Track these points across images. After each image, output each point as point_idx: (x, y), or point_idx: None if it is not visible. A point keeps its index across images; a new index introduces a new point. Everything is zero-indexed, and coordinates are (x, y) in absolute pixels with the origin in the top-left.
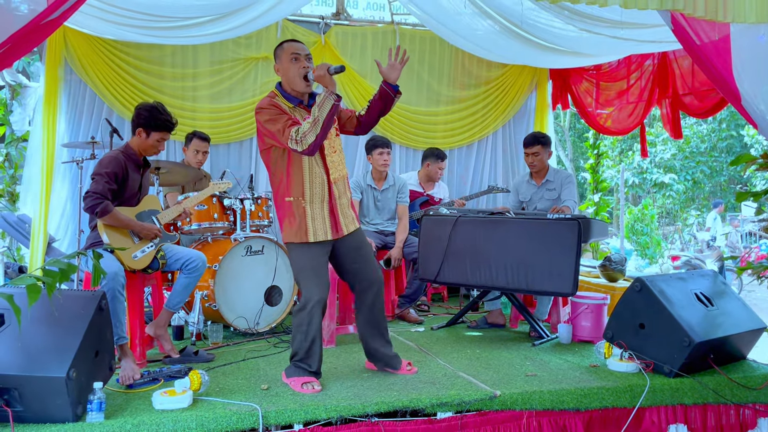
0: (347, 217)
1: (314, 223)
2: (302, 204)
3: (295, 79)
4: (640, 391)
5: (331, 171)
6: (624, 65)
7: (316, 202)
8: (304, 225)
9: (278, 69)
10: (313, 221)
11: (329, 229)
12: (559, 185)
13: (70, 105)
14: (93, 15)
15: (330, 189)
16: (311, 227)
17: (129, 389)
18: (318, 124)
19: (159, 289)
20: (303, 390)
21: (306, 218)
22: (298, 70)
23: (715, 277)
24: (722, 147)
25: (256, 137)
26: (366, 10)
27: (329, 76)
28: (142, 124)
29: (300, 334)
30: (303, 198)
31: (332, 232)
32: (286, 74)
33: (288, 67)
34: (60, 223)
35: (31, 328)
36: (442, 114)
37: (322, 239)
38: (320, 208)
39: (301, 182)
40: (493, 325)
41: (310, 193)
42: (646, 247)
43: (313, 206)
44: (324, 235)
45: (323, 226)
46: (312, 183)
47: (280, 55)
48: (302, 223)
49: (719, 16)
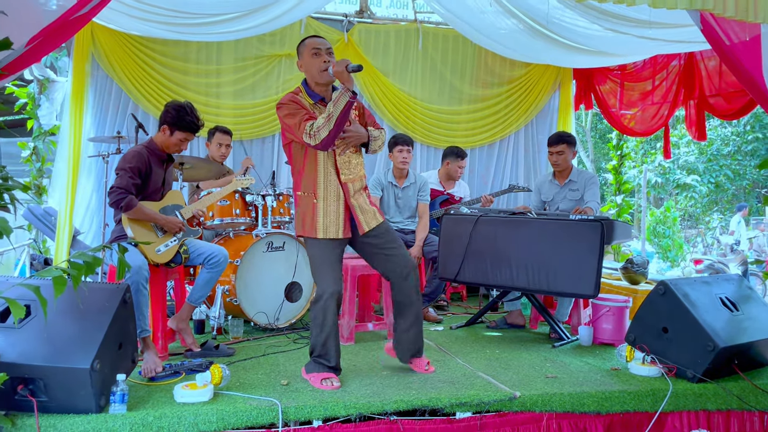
0: (367, 213)
1: (325, 220)
2: (313, 200)
3: (316, 72)
4: (662, 395)
5: (342, 172)
6: (649, 65)
7: (330, 199)
8: (315, 221)
9: (301, 65)
10: (325, 217)
11: (342, 226)
12: (583, 186)
13: (96, 100)
14: (120, 11)
15: (344, 188)
16: (321, 224)
17: (151, 382)
18: (332, 120)
19: (181, 283)
20: (322, 386)
21: (317, 214)
22: (319, 65)
23: (741, 282)
24: (747, 150)
25: (277, 134)
26: (389, 8)
27: (347, 73)
28: (168, 121)
29: (316, 328)
30: (315, 194)
31: (344, 230)
32: (309, 69)
33: (309, 61)
34: (85, 216)
35: (57, 320)
36: (464, 113)
37: (332, 236)
38: (335, 206)
39: (315, 178)
40: (512, 326)
41: (324, 190)
42: (667, 249)
43: (327, 203)
44: (336, 232)
45: (336, 224)
46: (326, 180)
47: (302, 51)
48: (313, 219)
49: (750, 17)
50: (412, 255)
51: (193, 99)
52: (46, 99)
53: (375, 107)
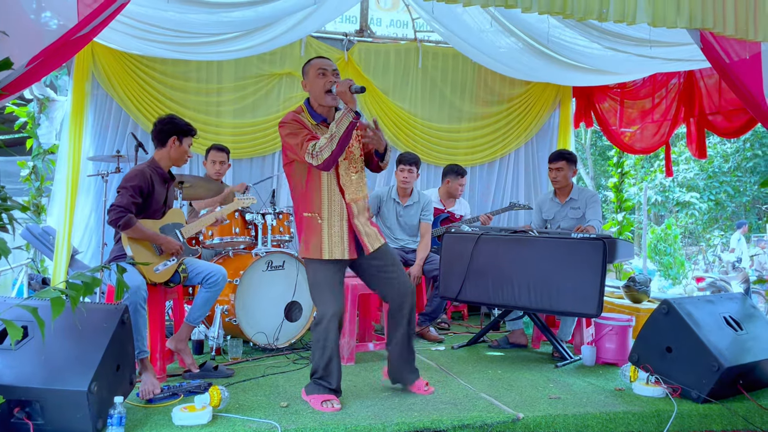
0: (370, 235)
1: (330, 241)
2: (318, 221)
3: (321, 93)
4: (667, 416)
5: (347, 192)
6: (649, 83)
7: (334, 219)
8: (320, 242)
9: (305, 84)
10: (330, 238)
11: (347, 248)
12: (584, 204)
13: (96, 119)
14: (121, 31)
15: (348, 208)
16: (327, 245)
17: (149, 404)
18: (334, 141)
19: (180, 303)
20: (323, 408)
21: (322, 235)
22: (323, 85)
23: (744, 301)
24: (747, 167)
25: (278, 152)
26: (389, 27)
27: (350, 93)
28: (174, 132)
29: (318, 350)
30: (320, 215)
31: (350, 252)
32: (313, 89)
33: (315, 82)
34: (84, 235)
35: (54, 341)
36: (465, 131)
37: (338, 257)
38: (339, 227)
39: (319, 199)
40: (514, 345)
41: (328, 210)
42: (669, 267)
43: (331, 223)
44: (341, 253)
45: (341, 245)
46: (330, 200)
47: (308, 71)
48: (318, 240)
49: (750, 35)
50: (412, 274)
51: (193, 117)
52: (45, 118)
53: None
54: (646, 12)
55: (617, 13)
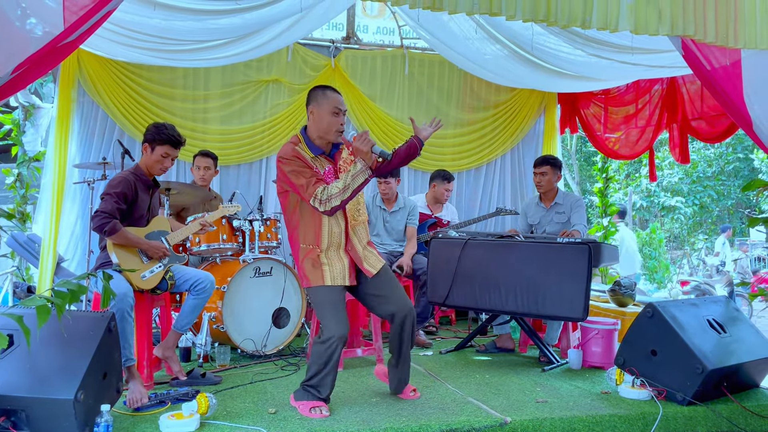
0: (369, 259)
1: (332, 269)
2: (317, 251)
3: (331, 131)
4: (652, 419)
5: (350, 218)
6: (632, 90)
7: (332, 249)
8: (321, 270)
9: (313, 111)
10: (331, 267)
11: (348, 274)
12: (569, 208)
13: (82, 126)
14: (107, 38)
15: (347, 236)
16: (329, 273)
17: (136, 412)
18: (347, 192)
19: (167, 310)
20: (311, 414)
21: (322, 265)
22: (336, 125)
23: (728, 304)
24: (730, 171)
25: (265, 159)
26: (376, 34)
27: (370, 153)
28: (147, 139)
29: (318, 365)
30: (318, 246)
31: (350, 278)
32: (321, 122)
33: (327, 118)
34: (69, 242)
35: (40, 350)
36: (451, 137)
37: (339, 284)
38: (337, 256)
39: (318, 230)
40: (502, 350)
41: (327, 241)
42: (654, 271)
43: (329, 253)
44: (342, 280)
45: (342, 272)
46: (330, 231)
47: (321, 102)
48: (319, 269)
49: (730, 42)
50: (404, 263)
51: (180, 124)
52: (31, 125)
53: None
54: (628, 20)
55: (600, 21)
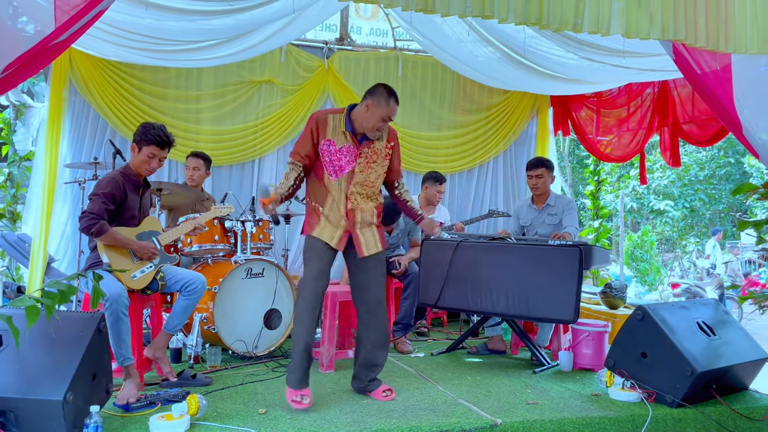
0: (369, 241)
1: (324, 227)
2: (320, 210)
3: (371, 129)
4: (642, 421)
5: (351, 201)
6: (624, 93)
7: (332, 216)
8: (317, 225)
9: (369, 106)
10: (324, 226)
11: (338, 239)
12: (561, 211)
13: (73, 125)
14: (99, 37)
15: (347, 214)
16: (318, 228)
17: (126, 412)
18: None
19: (158, 310)
20: (293, 404)
21: (320, 221)
22: (378, 127)
23: (717, 306)
24: (721, 174)
25: (257, 159)
26: (369, 35)
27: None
28: (135, 139)
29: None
30: (323, 207)
31: (338, 243)
32: (370, 119)
33: (376, 119)
34: (60, 243)
35: (29, 350)
36: (444, 139)
37: (326, 240)
38: (335, 222)
39: (325, 195)
40: (493, 352)
41: (329, 207)
42: (645, 273)
43: (329, 218)
44: (330, 239)
45: (331, 234)
46: (334, 200)
47: (381, 104)
48: (315, 223)
49: (720, 47)
50: (401, 263)
51: (172, 124)
52: (22, 124)
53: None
54: (619, 23)
55: (592, 24)
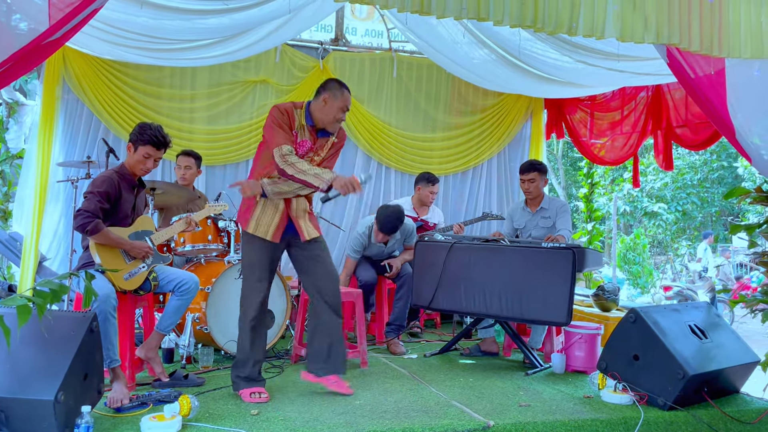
0: (307, 225)
1: (260, 219)
2: (256, 199)
3: (332, 122)
4: (634, 423)
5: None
6: (618, 96)
7: (268, 204)
8: (250, 215)
9: (326, 100)
10: (261, 215)
11: (273, 230)
12: (554, 214)
13: (66, 124)
14: (93, 36)
15: (287, 201)
16: (254, 220)
17: (117, 413)
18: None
19: (150, 310)
20: (251, 399)
21: (255, 210)
22: (339, 119)
23: (709, 309)
24: (714, 178)
25: (251, 160)
26: (364, 36)
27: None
28: (131, 139)
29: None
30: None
31: (274, 236)
32: (330, 112)
33: (335, 111)
34: (52, 242)
35: (20, 350)
36: (438, 140)
37: (261, 236)
38: (272, 209)
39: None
40: (486, 353)
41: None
42: (637, 276)
43: (266, 206)
44: (265, 233)
45: (268, 225)
46: None
47: (337, 95)
48: (249, 212)
49: (714, 51)
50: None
51: (166, 124)
52: (14, 122)
53: (350, 134)
54: (614, 27)
55: (586, 28)
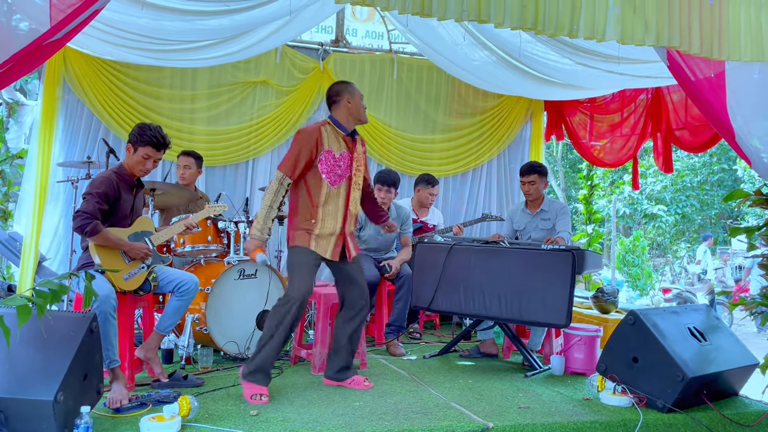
0: (353, 243)
1: (319, 238)
2: (312, 224)
3: (363, 114)
4: (633, 425)
5: (351, 206)
6: (618, 99)
7: (326, 228)
8: (308, 239)
9: (349, 100)
10: (319, 239)
11: (332, 249)
12: (554, 215)
13: (66, 124)
14: (94, 36)
15: (344, 220)
16: (313, 239)
17: (116, 413)
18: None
19: (150, 311)
20: (252, 401)
21: (312, 236)
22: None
23: (709, 312)
24: (713, 180)
25: (251, 160)
26: (365, 38)
27: None
28: (130, 140)
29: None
30: (314, 220)
31: (333, 254)
32: (358, 107)
33: (360, 104)
34: (52, 242)
35: (20, 350)
36: (438, 142)
37: (320, 254)
38: (328, 235)
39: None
40: (485, 355)
41: (322, 221)
42: (637, 278)
43: (324, 224)
44: (324, 252)
45: (326, 246)
46: (325, 211)
47: (354, 93)
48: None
49: (714, 54)
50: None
51: (166, 124)
52: (14, 122)
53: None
54: (615, 29)
55: (587, 30)
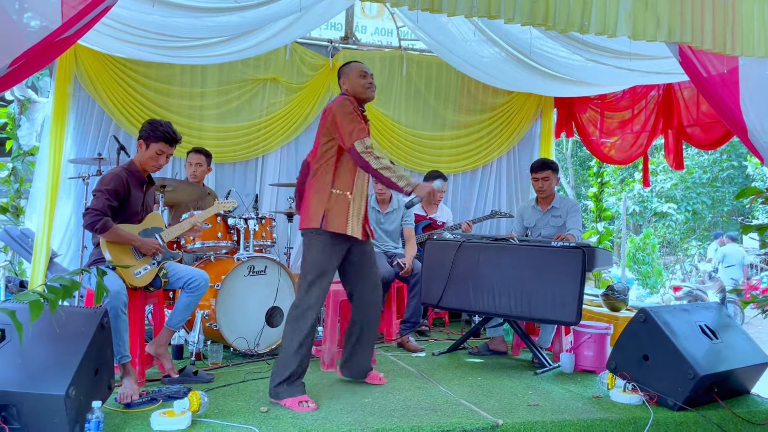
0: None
1: (353, 219)
2: (348, 197)
3: (364, 90)
4: (643, 423)
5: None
6: (629, 95)
7: (356, 200)
8: (345, 217)
9: (345, 82)
10: (353, 217)
11: (361, 229)
12: (565, 213)
13: (78, 121)
14: (105, 33)
15: (367, 195)
16: (350, 222)
17: (127, 408)
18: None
19: (160, 307)
20: (300, 408)
21: (349, 211)
22: (366, 83)
23: (720, 310)
24: (723, 177)
25: (261, 157)
26: (374, 35)
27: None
28: (142, 136)
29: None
30: (351, 192)
31: (363, 233)
32: (356, 86)
33: (357, 80)
34: (63, 238)
35: (32, 345)
36: (448, 138)
37: (356, 235)
38: (359, 208)
39: (352, 177)
40: (494, 352)
41: (358, 189)
42: (647, 276)
43: (355, 203)
44: (357, 232)
45: (358, 224)
46: (359, 181)
47: (348, 72)
48: (344, 215)
49: (727, 50)
50: (406, 263)
51: (176, 121)
52: (26, 119)
53: None
54: (626, 25)
55: (598, 26)
